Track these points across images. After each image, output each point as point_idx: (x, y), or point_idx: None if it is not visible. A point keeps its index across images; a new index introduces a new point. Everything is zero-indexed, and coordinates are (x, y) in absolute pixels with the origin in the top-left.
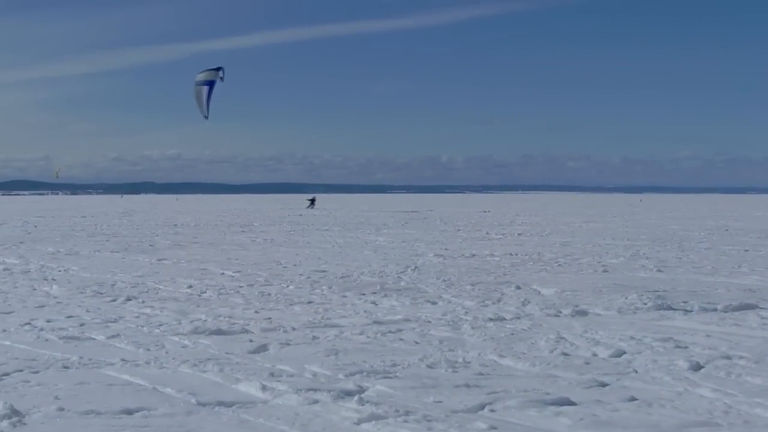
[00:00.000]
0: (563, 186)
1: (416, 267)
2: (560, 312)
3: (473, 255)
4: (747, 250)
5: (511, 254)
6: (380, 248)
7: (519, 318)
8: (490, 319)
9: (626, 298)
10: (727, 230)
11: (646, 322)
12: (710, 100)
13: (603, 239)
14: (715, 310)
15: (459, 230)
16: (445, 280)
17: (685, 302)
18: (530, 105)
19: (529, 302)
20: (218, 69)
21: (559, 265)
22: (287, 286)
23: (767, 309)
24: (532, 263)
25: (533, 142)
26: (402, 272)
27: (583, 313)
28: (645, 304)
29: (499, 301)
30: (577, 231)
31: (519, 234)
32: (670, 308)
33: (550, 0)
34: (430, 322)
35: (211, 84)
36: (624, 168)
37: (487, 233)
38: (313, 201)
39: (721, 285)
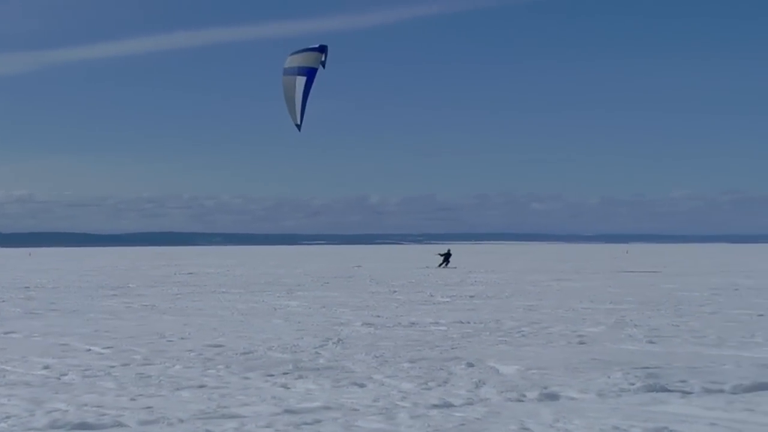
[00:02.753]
0: (528, 234)
1: (339, 340)
2: (524, 396)
3: (413, 323)
4: (762, 315)
5: (462, 322)
6: (293, 316)
7: (471, 404)
8: (435, 406)
9: (609, 377)
10: (736, 289)
11: (633, 408)
12: (712, 125)
13: (579, 302)
14: (722, 391)
15: (395, 292)
16: (376, 357)
17: (683, 382)
18: (485, 132)
19: (484, 383)
20: (322, 50)
21: (523, 335)
22: (173, 366)
23: None
24: (488, 333)
25: (489, 179)
26: (321, 346)
27: (554, 397)
28: (632, 384)
29: (445, 382)
30: (546, 292)
31: (472, 296)
32: (664, 390)
33: (511, 3)
34: (356, 410)
35: (311, 73)
36: (605, 211)
37: (431, 295)
38: (447, 257)
39: (729, 359)
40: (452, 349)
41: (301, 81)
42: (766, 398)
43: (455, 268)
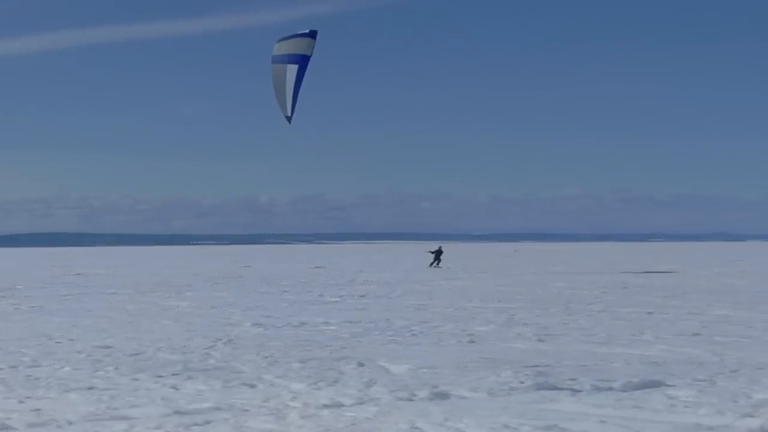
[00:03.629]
0: (418, 234)
1: (229, 340)
2: (415, 395)
3: (303, 323)
4: (650, 313)
5: (352, 322)
6: (183, 316)
7: (362, 403)
8: (325, 406)
9: (499, 375)
10: (625, 288)
11: (523, 406)
12: (601, 124)
13: (469, 301)
14: (611, 389)
15: (285, 292)
16: (266, 357)
17: (573, 380)
18: (373, 131)
19: (374, 383)
20: (313, 35)
21: (414, 334)
22: (61, 368)
23: (675, 386)
24: (378, 333)
25: (379, 178)
26: (211, 347)
27: (444, 396)
28: (522, 383)
29: (336, 382)
30: (435, 291)
31: (362, 296)
32: (554, 388)
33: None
34: (247, 411)
35: (303, 61)
36: (494, 210)
37: (321, 295)
38: (438, 254)
39: (618, 357)
40: (342, 348)
41: (292, 70)
42: (655, 395)
43: (448, 267)
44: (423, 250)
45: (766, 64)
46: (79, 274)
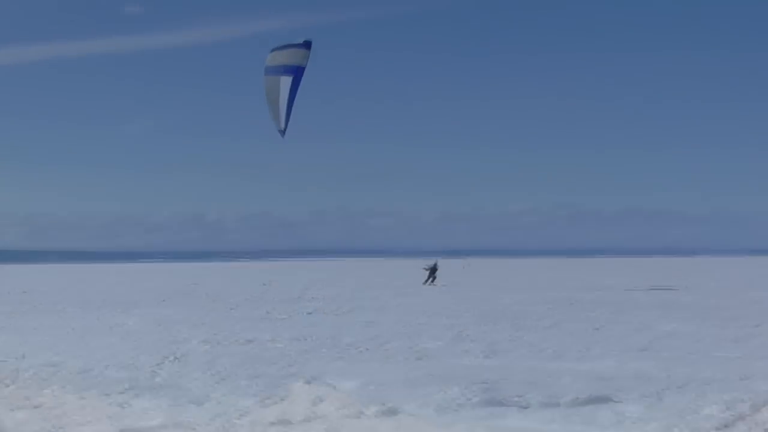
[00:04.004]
0: (367, 250)
1: (177, 357)
2: (363, 412)
3: (250, 341)
4: (598, 329)
5: (300, 339)
6: (130, 333)
7: (310, 421)
8: (272, 424)
9: (447, 392)
10: (573, 303)
11: (472, 423)
12: (547, 139)
13: (417, 317)
14: (559, 405)
15: (232, 309)
16: (214, 374)
17: (520, 396)
18: (320, 146)
19: (322, 400)
20: (308, 45)
21: (361, 351)
22: (7, 386)
23: (623, 402)
24: (326, 350)
25: (326, 194)
26: (159, 364)
27: (393, 413)
28: (470, 399)
29: (283, 399)
30: (384, 307)
31: (310, 312)
32: (501, 404)
33: (345, 14)
34: (194, 429)
35: (298, 73)
36: (442, 226)
37: (269, 312)
38: (433, 271)
39: (566, 373)
40: (290, 366)
41: (286, 81)
42: (603, 411)
43: (444, 286)
44: (419, 266)
45: (712, 79)
46: (25, 291)
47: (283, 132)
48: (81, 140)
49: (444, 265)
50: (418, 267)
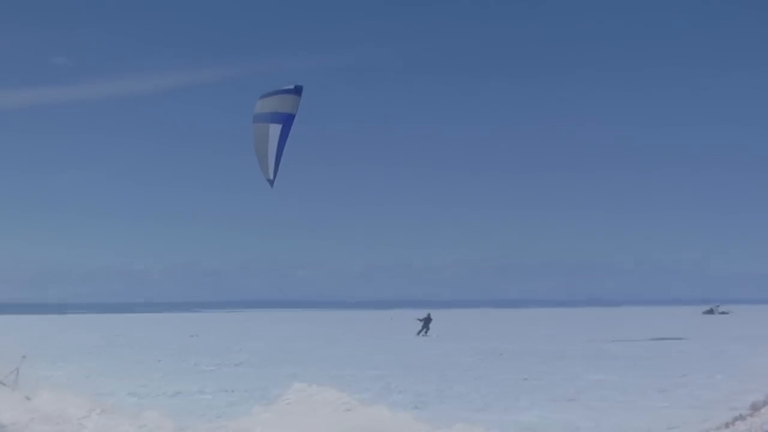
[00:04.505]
0: (295, 301)
1: (103, 410)
2: None
3: (178, 393)
4: (526, 379)
5: (228, 391)
6: (56, 387)
7: None
8: None
9: None
10: (501, 354)
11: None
12: (474, 191)
13: (344, 368)
14: None
15: (159, 361)
16: (141, 427)
17: None
18: (246, 197)
19: None
20: (298, 91)
21: (289, 403)
22: None
23: None
24: (254, 402)
25: (253, 245)
26: (84, 417)
27: None
28: None
29: None
30: (311, 358)
31: (237, 364)
32: None
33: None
34: None
35: (288, 120)
36: (370, 278)
37: (196, 364)
38: (427, 322)
39: (493, 424)
40: (218, 418)
41: (275, 130)
42: None
43: (437, 336)
44: (413, 317)
45: (626, 145)
46: None
47: (271, 182)
48: (7, 191)
49: (369, 316)
50: (343, 318)
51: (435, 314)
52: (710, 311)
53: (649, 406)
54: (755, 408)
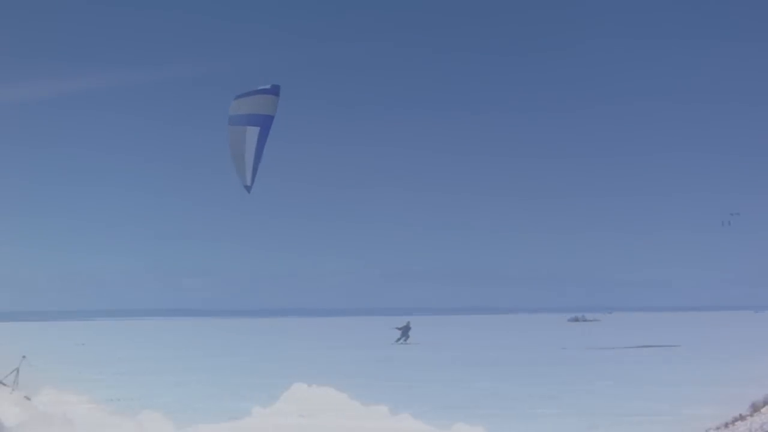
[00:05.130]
0: (181, 309)
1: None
2: None
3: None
4: (412, 386)
5: (113, 400)
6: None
7: None
8: None
9: None
10: (389, 360)
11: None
12: (359, 200)
13: (230, 378)
14: None
15: (45, 370)
16: None
17: None
18: (133, 204)
19: None
20: (275, 91)
21: (173, 412)
22: None
23: None
24: (138, 409)
25: (139, 252)
26: None
27: None
28: None
29: None
30: (195, 367)
31: (122, 373)
32: None
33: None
34: None
35: (266, 122)
36: (258, 286)
37: (80, 372)
38: (406, 330)
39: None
40: (102, 428)
41: (253, 133)
42: None
43: (418, 344)
44: (391, 326)
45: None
46: None
47: (249, 188)
48: None
49: (250, 324)
50: (227, 326)
51: (318, 320)
52: (576, 319)
53: (541, 414)
54: (755, 408)
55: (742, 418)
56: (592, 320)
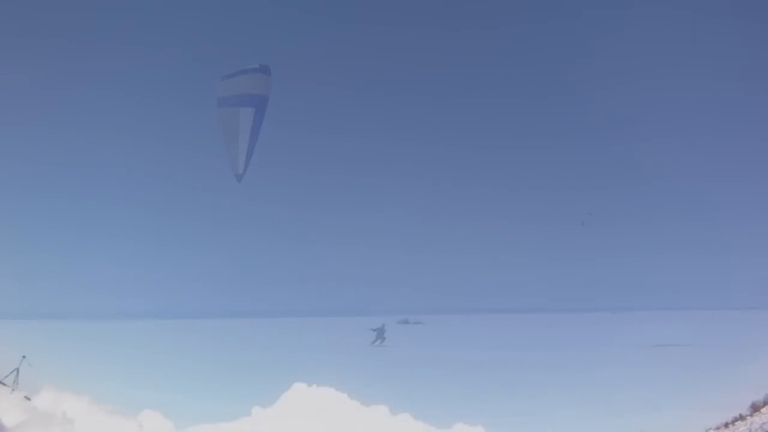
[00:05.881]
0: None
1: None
2: None
3: None
4: None
5: None
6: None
7: None
8: None
9: None
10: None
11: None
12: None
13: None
14: None
15: None
16: None
17: None
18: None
19: None
20: (266, 71)
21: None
22: None
23: None
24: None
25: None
26: None
27: None
28: None
29: None
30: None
31: None
32: None
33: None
34: None
35: (261, 103)
36: (110, 287)
37: None
38: (381, 332)
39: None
40: None
41: (247, 114)
42: None
43: (391, 347)
44: (366, 327)
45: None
46: None
47: (240, 177)
48: None
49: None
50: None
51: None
52: (405, 321)
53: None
54: (755, 408)
55: (742, 418)
56: (418, 323)
